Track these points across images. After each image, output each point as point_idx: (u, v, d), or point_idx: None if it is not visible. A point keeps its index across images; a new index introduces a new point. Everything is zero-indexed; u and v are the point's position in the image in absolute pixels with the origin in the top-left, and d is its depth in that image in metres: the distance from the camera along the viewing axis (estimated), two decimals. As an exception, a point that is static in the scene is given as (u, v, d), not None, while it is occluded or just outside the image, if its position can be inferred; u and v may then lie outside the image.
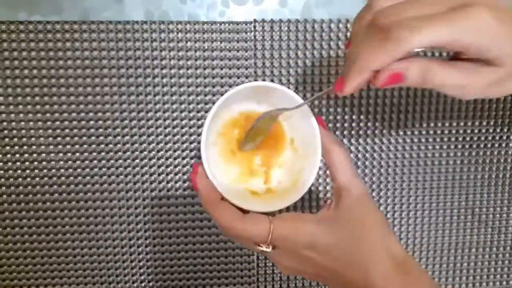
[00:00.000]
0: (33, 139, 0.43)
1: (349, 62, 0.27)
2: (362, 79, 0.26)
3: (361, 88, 0.30)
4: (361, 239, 0.29)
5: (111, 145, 0.44)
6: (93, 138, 0.43)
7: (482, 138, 0.48)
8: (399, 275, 0.28)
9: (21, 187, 0.44)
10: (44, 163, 0.43)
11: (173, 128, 0.44)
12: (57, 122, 0.43)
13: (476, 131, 0.48)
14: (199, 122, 0.44)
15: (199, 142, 0.45)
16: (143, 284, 0.47)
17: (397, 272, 0.28)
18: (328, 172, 0.36)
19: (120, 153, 0.44)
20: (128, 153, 0.44)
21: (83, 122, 0.43)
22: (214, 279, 0.47)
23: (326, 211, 0.31)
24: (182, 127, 0.44)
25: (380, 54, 0.25)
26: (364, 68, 0.26)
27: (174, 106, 0.44)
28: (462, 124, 0.47)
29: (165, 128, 0.44)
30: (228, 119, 0.34)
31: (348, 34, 0.44)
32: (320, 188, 0.47)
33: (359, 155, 0.47)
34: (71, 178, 0.44)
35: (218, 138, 0.34)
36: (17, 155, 0.43)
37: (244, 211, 0.30)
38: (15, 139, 0.43)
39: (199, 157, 0.45)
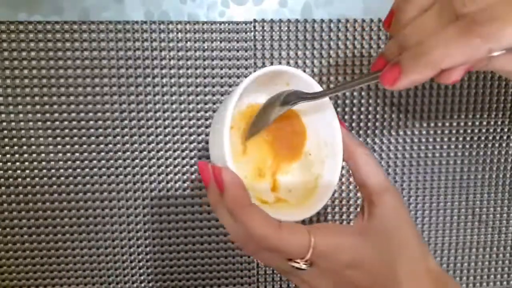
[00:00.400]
0: (33, 139, 0.43)
1: (412, 52, 0.22)
2: (428, 75, 0.22)
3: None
4: (400, 253, 0.25)
5: (111, 145, 0.44)
6: (93, 138, 0.43)
7: (483, 138, 0.48)
8: None
9: (20, 187, 0.44)
10: (44, 163, 0.43)
11: (173, 128, 0.44)
12: (57, 122, 0.43)
13: (476, 131, 0.48)
14: (199, 122, 0.44)
15: (199, 142, 0.45)
16: (143, 285, 0.47)
17: (431, 285, 0.25)
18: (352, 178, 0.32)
19: (120, 153, 0.44)
20: (128, 153, 0.44)
21: (83, 122, 0.43)
22: (214, 279, 0.47)
23: (360, 222, 0.26)
24: (182, 127, 0.44)
25: (464, 50, 0.20)
26: (438, 64, 0.21)
27: (174, 106, 0.44)
28: (462, 124, 0.47)
29: (165, 128, 0.44)
30: (236, 112, 0.29)
31: (348, 34, 0.44)
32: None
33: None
34: (71, 178, 0.44)
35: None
36: (17, 155, 0.43)
37: None
38: (15, 139, 0.43)
39: (200, 158, 0.45)
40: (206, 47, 0.43)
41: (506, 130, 0.48)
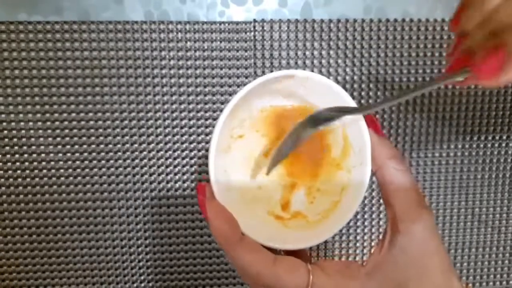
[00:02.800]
0: (33, 139, 0.43)
1: None
2: None
3: None
4: (420, 285, 0.23)
5: (110, 145, 0.44)
6: (93, 138, 0.43)
7: (482, 138, 0.48)
8: None
9: (20, 187, 0.44)
10: (44, 163, 0.43)
11: (173, 128, 0.44)
12: (57, 122, 0.43)
13: (476, 130, 0.48)
14: (199, 122, 0.44)
15: (199, 142, 0.45)
16: (143, 285, 0.47)
17: None
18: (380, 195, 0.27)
19: (119, 153, 0.44)
20: (128, 153, 0.44)
21: (82, 122, 0.43)
22: (214, 280, 0.47)
23: (377, 255, 0.24)
24: (181, 127, 0.44)
25: None
26: None
27: (174, 106, 0.44)
28: (462, 124, 0.47)
29: (165, 128, 0.44)
30: (246, 119, 0.26)
31: (348, 34, 0.44)
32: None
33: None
34: (71, 178, 0.44)
35: (234, 142, 0.26)
36: (17, 155, 0.43)
37: (269, 250, 0.23)
38: (15, 139, 0.43)
39: (199, 158, 0.45)
40: (205, 47, 0.43)
41: (505, 130, 0.48)
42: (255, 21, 0.43)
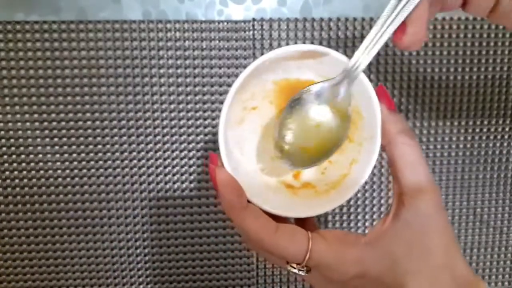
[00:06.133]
0: (30, 139, 0.43)
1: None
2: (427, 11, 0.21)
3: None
4: (420, 262, 0.23)
5: (108, 146, 0.43)
6: (90, 138, 0.43)
7: (484, 138, 0.48)
8: None
9: (18, 188, 0.43)
10: (41, 163, 0.43)
11: (171, 128, 0.44)
12: (55, 123, 0.42)
13: (477, 130, 0.47)
14: (198, 122, 0.44)
15: (198, 142, 0.44)
16: (142, 286, 0.46)
17: None
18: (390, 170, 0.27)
19: (117, 154, 0.44)
20: (126, 153, 0.44)
21: (80, 123, 0.43)
22: (214, 280, 0.47)
23: (380, 226, 0.24)
24: (180, 127, 0.44)
25: None
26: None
27: (172, 106, 0.43)
28: (463, 123, 0.47)
29: (163, 128, 0.44)
30: (258, 91, 0.26)
31: (348, 33, 0.44)
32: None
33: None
34: (68, 178, 0.44)
35: (247, 114, 0.27)
36: (14, 156, 0.43)
37: (276, 217, 0.24)
38: (12, 140, 0.42)
39: (199, 158, 0.45)
40: (204, 46, 0.43)
41: (507, 129, 0.48)
42: (254, 20, 0.43)
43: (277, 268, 0.48)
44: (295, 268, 0.24)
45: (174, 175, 0.45)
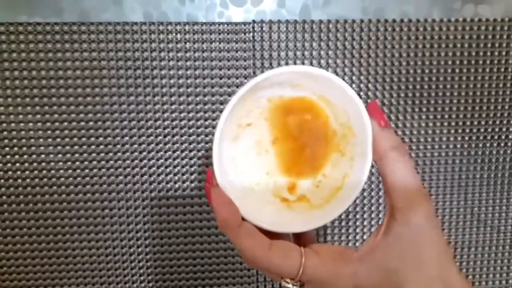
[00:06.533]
0: (32, 139, 0.43)
1: None
2: None
3: None
4: (412, 274, 0.23)
5: (110, 146, 0.44)
6: (93, 139, 0.43)
7: (481, 138, 0.48)
8: None
9: (20, 188, 0.44)
10: (43, 163, 0.43)
11: (173, 128, 0.44)
12: (57, 123, 0.43)
13: (475, 130, 0.48)
14: (198, 123, 0.44)
15: (198, 142, 0.45)
16: (143, 285, 0.47)
17: None
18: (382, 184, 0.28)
19: (119, 154, 0.44)
20: (128, 153, 0.44)
21: (82, 123, 0.43)
22: (214, 279, 0.47)
23: (373, 239, 0.24)
24: (181, 128, 0.44)
25: None
26: None
27: (173, 107, 0.44)
28: (461, 124, 0.47)
29: (164, 128, 0.44)
30: (253, 108, 0.27)
31: (346, 35, 0.44)
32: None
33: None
34: (71, 178, 0.44)
35: (243, 131, 0.27)
36: (17, 156, 0.43)
37: (271, 232, 0.25)
38: (15, 140, 0.43)
39: (199, 158, 0.45)
40: (205, 48, 0.43)
41: (504, 129, 0.48)
42: (254, 22, 0.43)
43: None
44: (289, 283, 0.24)
45: (174, 175, 0.45)
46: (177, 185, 0.45)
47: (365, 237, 0.48)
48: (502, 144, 0.49)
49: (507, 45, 0.46)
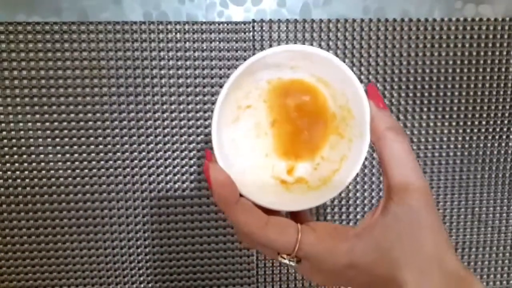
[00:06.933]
0: (32, 139, 0.43)
1: None
2: None
3: None
4: (408, 255, 0.23)
5: (110, 146, 0.44)
6: (92, 138, 0.43)
7: (482, 138, 0.48)
8: None
9: (19, 188, 0.44)
10: (43, 163, 0.43)
11: (172, 128, 0.44)
12: (56, 123, 0.43)
13: (476, 130, 0.48)
14: (198, 122, 0.44)
15: (198, 142, 0.45)
16: (142, 285, 0.47)
17: (443, 284, 0.23)
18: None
19: (119, 154, 0.44)
20: (127, 153, 0.44)
21: (82, 123, 0.43)
22: (214, 279, 0.47)
23: (369, 219, 0.25)
24: (181, 127, 0.44)
25: None
26: None
27: (173, 107, 0.43)
28: (462, 124, 0.47)
29: (164, 128, 0.44)
30: (252, 90, 0.27)
31: (347, 34, 0.44)
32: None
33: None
34: (70, 178, 0.44)
35: (243, 112, 0.27)
36: (16, 156, 0.43)
37: (269, 211, 0.25)
38: (14, 140, 0.43)
39: (199, 158, 0.45)
40: (204, 48, 0.43)
41: (505, 129, 0.48)
42: (254, 21, 0.43)
43: (276, 267, 0.48)
44: (285, 259, 0.24)
45: (174, 175, 0.45)
46: (177, 185, 0.45)
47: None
48: (503, 144, 0.48)
49: (508, 45, 0.46)
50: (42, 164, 0.43)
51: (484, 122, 0.48)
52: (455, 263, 0.23)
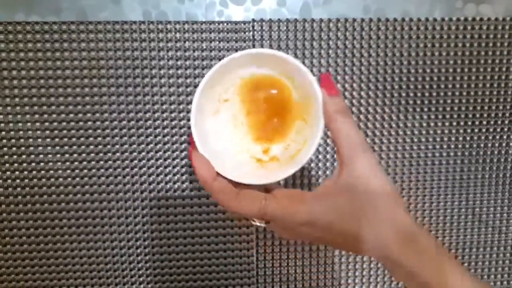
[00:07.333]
0: (31, 139, 0.43)
1: None
2: None
3: None
4: (362, 208, 0.28)
5: (109, 146, 0.44)
6: (91, 138, 0.43)
7: (483, 138, 0.48)
8: (402, 246, 0.27)
9: (19, 188, 0.43)
10: (42, 163, 0.43)
11: (172, 128, 0.44)
12: (55, 123, 0.43)
13: (476, 130, 0.48)
14: (198, 123, 0.44)
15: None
16: (142, 285, 0.47)
17: (396, 239, 0.27)
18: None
19: (118, 154, 0.44)
20: (127, 153, 0.44)
21: (81, 123, 0.43)
22: (214, 280, 0.47)
23: (326, 185, 0.30)
24: (180, 127, 0.44)
25: None
26: None
27: (173, 106, 0.43)
28: (462, 124, 0.47)
29: (163, 128, 0.44)
30: (229, 86, 0.32)
31: (347, 34, 0.44)
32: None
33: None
34: (69, 178, 0.44)
35: (222, 105, 0.33)
36: (15, 156, 0.43)
37: (242, 185, 0.30)
38: (13, 140, 0.43)
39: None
40: (204, 47, 0.43)
41: (506, 130, 0.48)
42: (254, 20, 0.43)
43: (276, 267, 0.48)
44: (256, 222, 0.30)
45: (174, 175, 0.45)
46: (177, 185, 0.45)
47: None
48: (504, 144, 0.48)
49: (508, 44, 0.46)
50: (42, 164, 0.43)
51: (484, 122, 0.48)
52: (406, 218, 0.28)
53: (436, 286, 0.27)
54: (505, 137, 0.48)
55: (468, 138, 0.48)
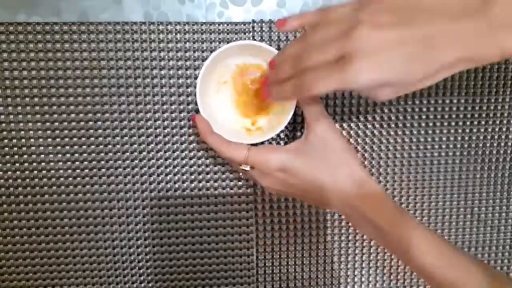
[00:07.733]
0: (32, 140, 0.43)
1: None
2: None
3: None
4: (323, 161, 0.36)
5: (110, 146, 0.44)
6: (92, 138, 0.43)
7: (481, 137, 0.48)
8: (357, 191, 0.35)
9: (20, 188, 0.44)
10: (43, 163, 0.43)
11: (172, 128, 0.44)
12: (56, 123, 0.43)
13: (475, 130, 0.48)
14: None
15: (198, 142, 0.45)
16: (142, 285, 0.47)
17: (352, 186, 0.35)
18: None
19: (119, 154, 0.44)
20: (128, 153, 0.44)
21: (82, 123, 0.43)
22: (214, 279, 0.47)
23: (296, 143, 0.38)
24: (181, 128, 0.44)
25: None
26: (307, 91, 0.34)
27: (173, 107, 0.44)
28: (461, 123, 0.47)
29: (164, 128, 0.44)
30: (226, 71, 0.41)
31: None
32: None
33: (358, 155, 0.47)
34: (70, 178, 0.44)
35: (221, 87, 0.42)
36: (16, 156, 0.43)
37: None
38: (14, 141, 0.43)
39: (199, 158, 0.45)
40: (205, 48, 0.43)
41: (505, 129, 0.48)
42: (254, 21, 0.43)
43: (276, 266, 0.48)
44: (241, 166, 0.38)
45: (174, 175, 0.45)
46: (177, 185, 0.45)
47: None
48: (502, 144, 0.49)
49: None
50: (42, 164, 0.43)
51: (483, 122, 0.48)
52: (361, 172, 0.36)
53: (389, 230, 0.34)
54: (504, 137, 0.48)
55: (466, 137, 0.48)
